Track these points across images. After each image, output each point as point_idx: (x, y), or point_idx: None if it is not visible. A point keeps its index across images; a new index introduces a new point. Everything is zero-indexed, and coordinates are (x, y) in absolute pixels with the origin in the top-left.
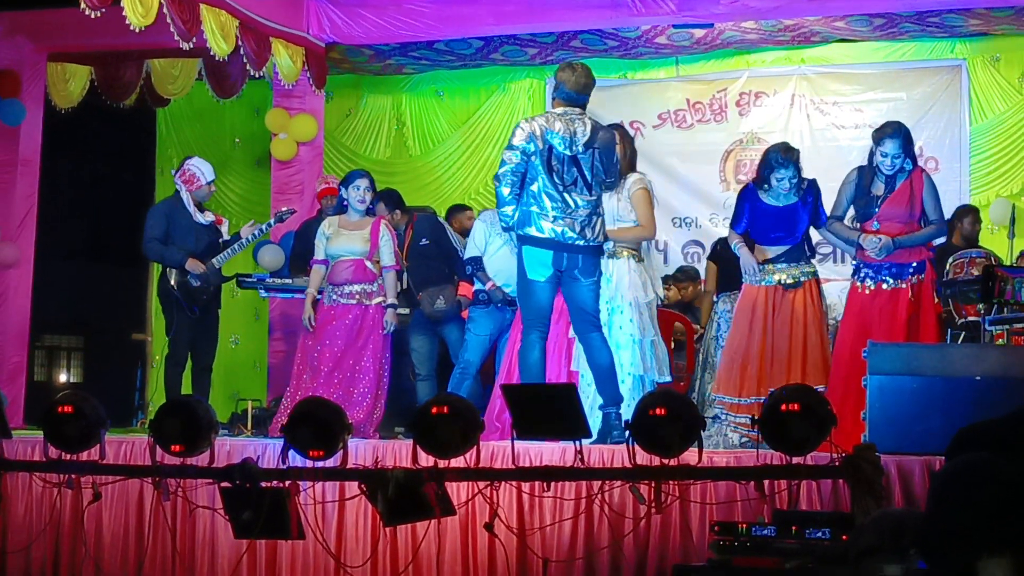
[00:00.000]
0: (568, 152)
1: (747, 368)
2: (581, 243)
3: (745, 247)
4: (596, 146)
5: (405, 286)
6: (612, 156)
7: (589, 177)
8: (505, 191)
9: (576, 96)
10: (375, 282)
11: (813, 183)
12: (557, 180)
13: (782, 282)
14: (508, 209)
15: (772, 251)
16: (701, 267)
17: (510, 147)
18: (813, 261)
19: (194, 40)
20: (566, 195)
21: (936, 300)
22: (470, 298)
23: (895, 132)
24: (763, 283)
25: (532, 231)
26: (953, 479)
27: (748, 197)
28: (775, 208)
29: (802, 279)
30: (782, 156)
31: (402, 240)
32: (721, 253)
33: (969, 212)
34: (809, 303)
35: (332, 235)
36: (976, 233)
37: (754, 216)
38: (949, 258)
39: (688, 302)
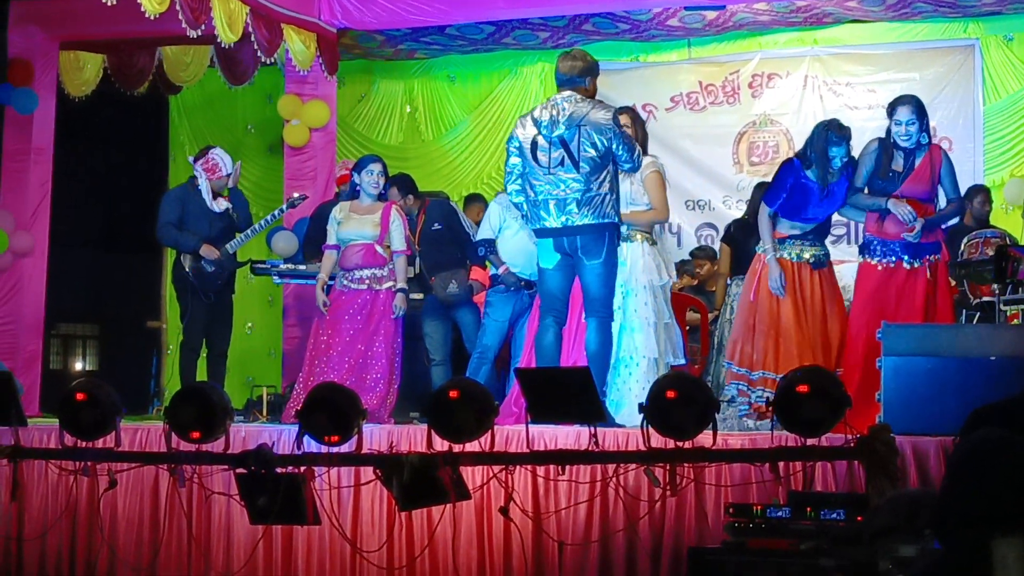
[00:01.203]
0: (551, 134)
1: (781, 342)
2: (576, 223)
3: (771, 223)
4: (582, 123)
5: (417, 271)
6: (606, 132)
7: (576, 155)
8: (511, 190)
9: (567, 79)
10: (385, 267)
11: (852, 160)
12: (543, 165)
13: (808, 260)
14: (523, 204)
15: (800, 228)
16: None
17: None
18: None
19: (202, 28)
20: (553, 177)
21: (951, 280)
22: (483, 282)
23: (908, 100)
24: (787, 257)
25: (534, 221)
26: (968, 459)
27: (792, 173)
28: (817, 186)
29: (824, 259)
30: (837, 134)
31: (414, 225)
32: (735, 235)
33: (979, 192)
34: (834, 282)
35: (343, 220)
36: (987, 214)
37: (793, 192)
38: (963, 238)
39: (703, 282)
